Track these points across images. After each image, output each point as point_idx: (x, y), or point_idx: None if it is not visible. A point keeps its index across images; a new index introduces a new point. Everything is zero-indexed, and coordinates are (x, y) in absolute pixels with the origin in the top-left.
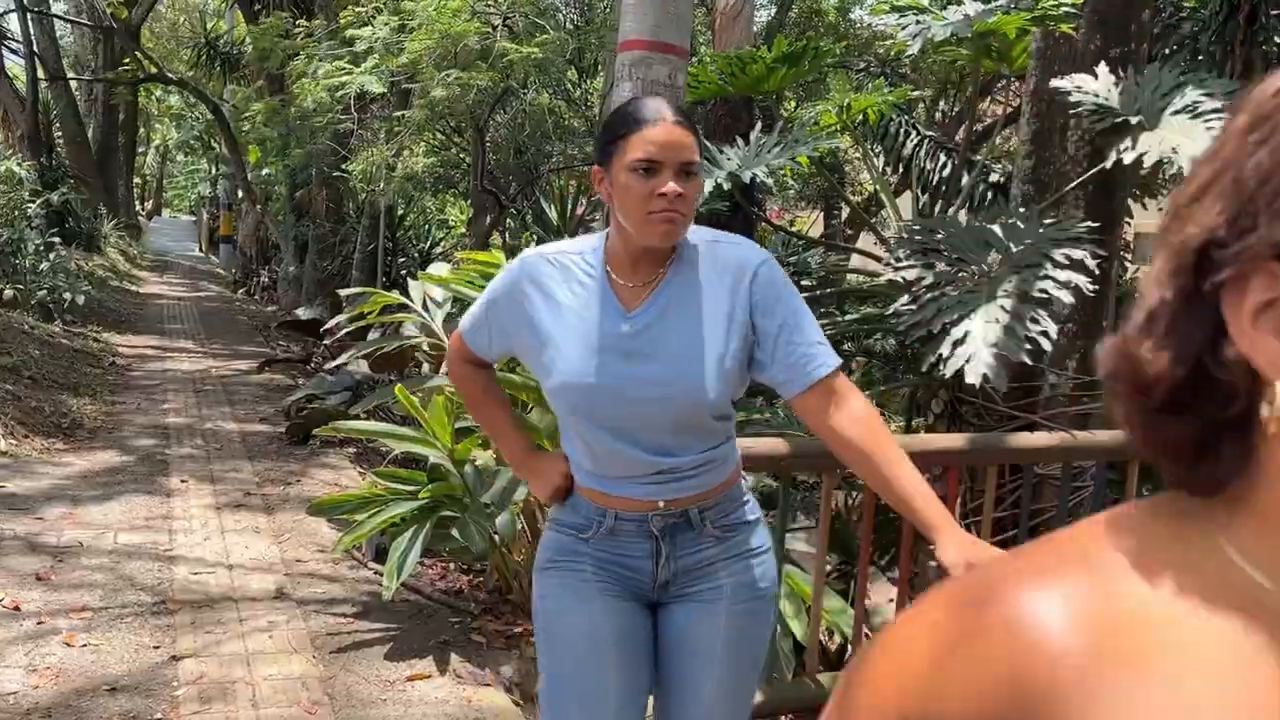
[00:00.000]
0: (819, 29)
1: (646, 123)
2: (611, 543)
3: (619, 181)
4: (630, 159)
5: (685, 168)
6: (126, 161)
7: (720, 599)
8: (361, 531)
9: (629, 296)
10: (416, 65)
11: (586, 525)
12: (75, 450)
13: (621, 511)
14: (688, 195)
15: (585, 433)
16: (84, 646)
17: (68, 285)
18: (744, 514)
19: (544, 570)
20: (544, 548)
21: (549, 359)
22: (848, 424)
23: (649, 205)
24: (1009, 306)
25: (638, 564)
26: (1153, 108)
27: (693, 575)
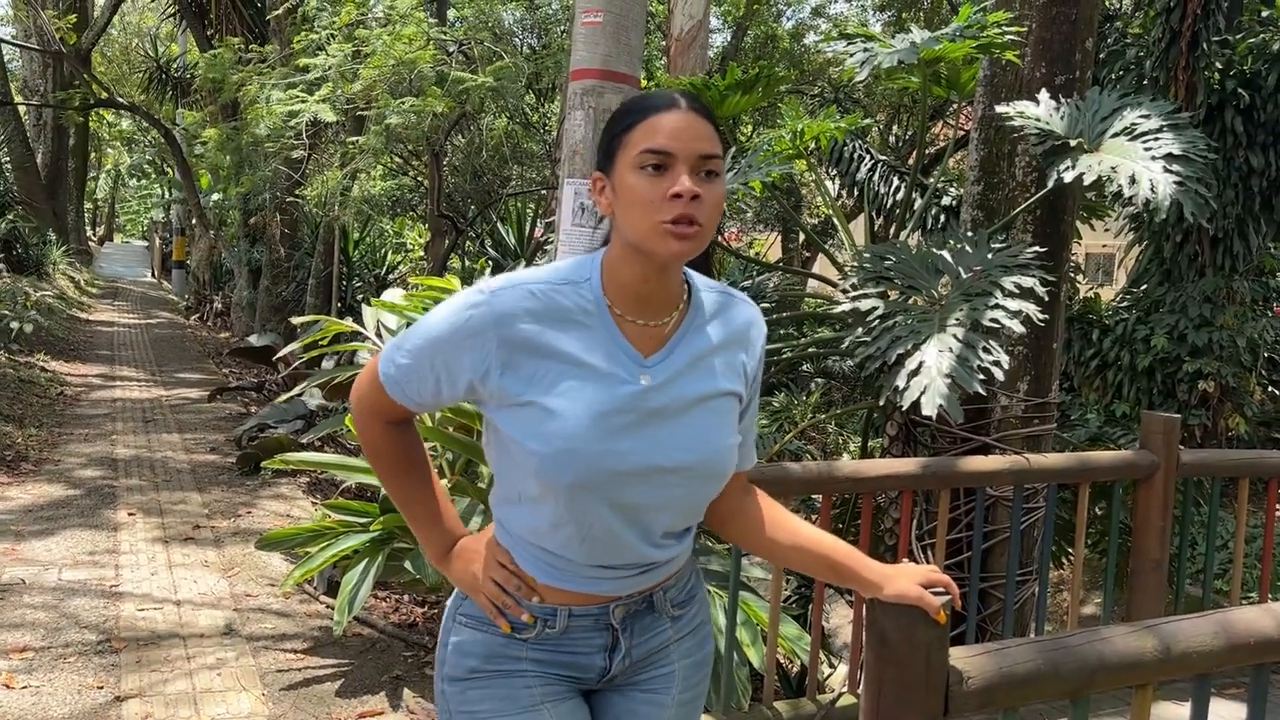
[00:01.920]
0: (773, 55)
1: (657, 109)
2: (555, 643)
3: (623, 183)
4: (637, 151)
5: (705, 164)
6: (77, 186)
7: (670, 688)
8: (312, 565)
9: (641, 339)
10: (371, 92)
11: (525, 624)
12: (18, 483)
13: (576, 607)
14: (708, 200)
15: (583, 515)
16: (24, 689)
17: (14, 314)
18: (693, 584)
19: (466, 682)
20: (461, 652)
21: (540, 420)
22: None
23: (660, 211)
24: (961, 336)
25: (588, 660)
26: (1093, 130)
27: (645, 662)
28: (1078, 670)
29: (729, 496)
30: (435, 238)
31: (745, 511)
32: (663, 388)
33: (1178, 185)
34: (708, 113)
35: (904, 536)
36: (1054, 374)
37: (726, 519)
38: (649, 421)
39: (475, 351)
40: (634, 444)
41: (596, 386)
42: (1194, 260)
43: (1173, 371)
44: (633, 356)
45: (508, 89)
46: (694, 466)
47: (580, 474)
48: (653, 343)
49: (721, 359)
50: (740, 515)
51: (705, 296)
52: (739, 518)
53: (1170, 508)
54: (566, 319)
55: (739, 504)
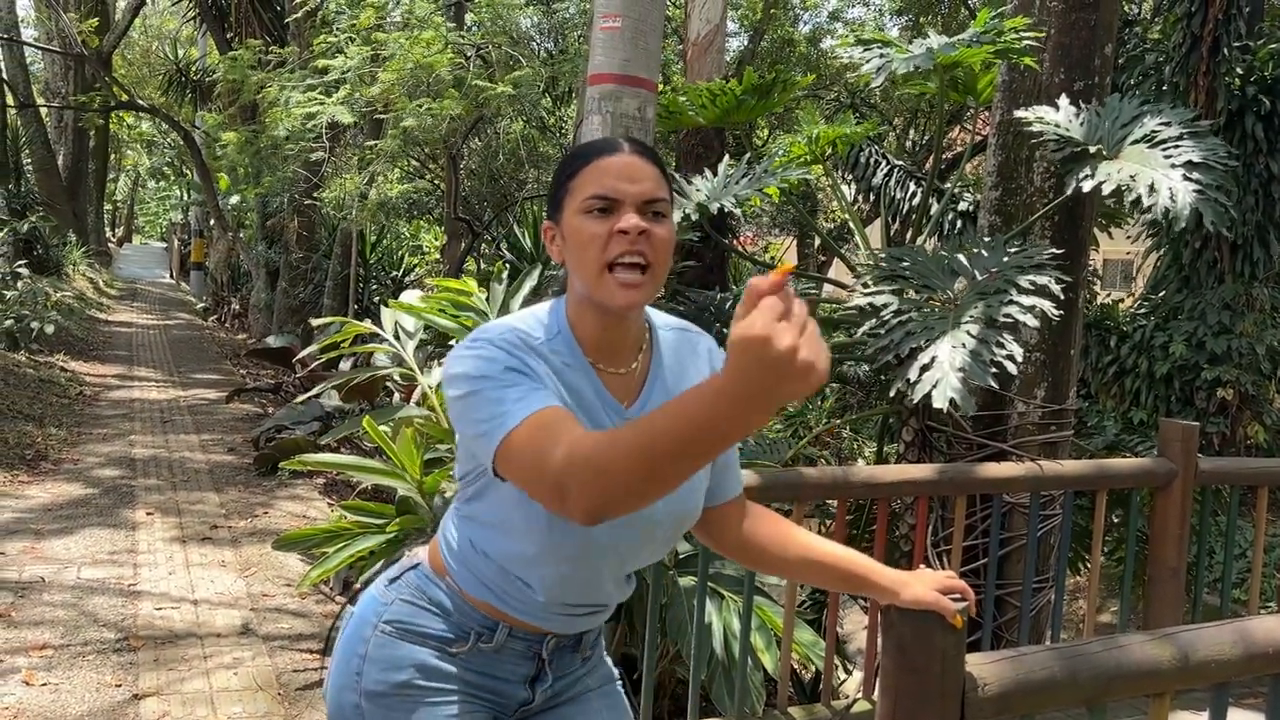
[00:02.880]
0: (790, 59)
1: (600, 153)
2: (485, 661)
3: (570, 227)
4: (583, 197)
5: (651, 206)
6: (97, 188)
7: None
8: (329, 566)
9: (618, 388)
10: (389, 95)
11: (459, 636)
12: (38, 482)
13: (516, 629)
14: (656, 238)
15: (575, 563)
16: (44, 685)
17: (35, 315)
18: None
19: (391, 699)
20: (389, 666)
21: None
22: (763, 522)
23: (607, 249)
24: (975, 331)
25: (510, 689)
26: (1113, 137)
27: (561, 695)
28: (1095, 678)
29: (734, 524)
30: (451, 241)
31: (754, 535)
32: None
33: (1198, 194)
34: (653, 156)
35: (919, 543)
36: (1071, 381)
37: (737, 547)
38: None
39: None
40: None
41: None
42: (1213, 267)
43: (1191, 379)
44: (615, 408)
45: (525, 93)
46: (677, 513)
47: (585, 534)
48: (627, 390)
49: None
50: (750, 540)
51: (664, 335)
52: (749, 543)
53: (1188, 516)
54: (553, 368)
55: (747, 529)
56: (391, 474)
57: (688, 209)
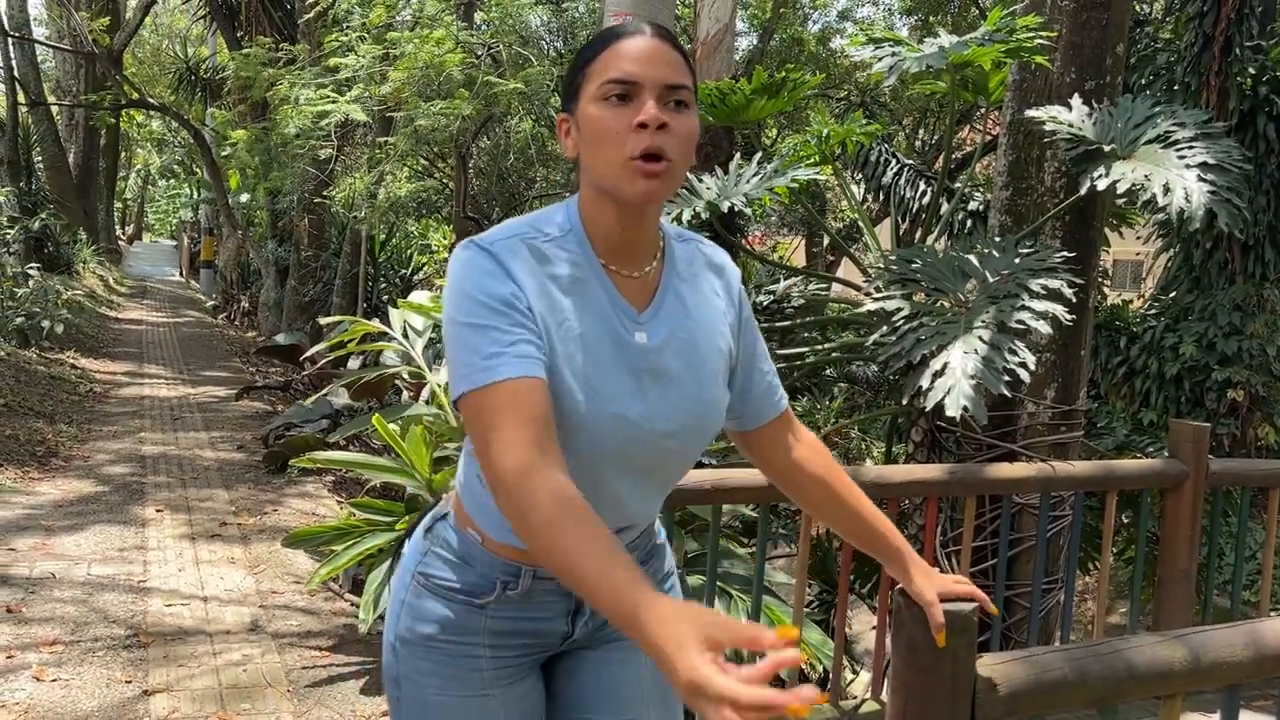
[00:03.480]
0: (799, 59)
1: (619, 37)
2: (517, 607)
3: (586, 117)
4: (599, 82)
5: (673, 94)
6: (107, 186)
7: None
8: (338, 563)
9: (631, 292)
10: (400, 94)
11: (484, 587)
12: (49, 478)
13: (541, 569)
14: (677, 131)
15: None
16: (54, 681)
17: (45, 313)
18: (656, 539)
19: (417, 646)
20: (418, 616)
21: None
22: (811, 455)
23: (626, 143)
24: (987, 337)
25: (549, 625)
26: (1126, 137)
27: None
28: (1106, 679)
29: (781, 448)
30: (460, 239)
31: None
32: (659, 348)
33: (1212, 195)
34: (675, 41)
35: (929, 543)
36: (1081, 381)
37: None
38: (650, 384)
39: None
40: (640, 409)
41: (602, 350)
42: (1224, 267)
43: (1201, 380)
44: (628, 313)
45: (535, 92)
46: (691, 427)
47: (592, 443)
48: (640, 296)
49: (704, 312)
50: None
51: (678, 247)
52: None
53: (1199, 517)
54: (557, 273)
55: (798, 456)
56: (400, 472)
57: (697, 207)
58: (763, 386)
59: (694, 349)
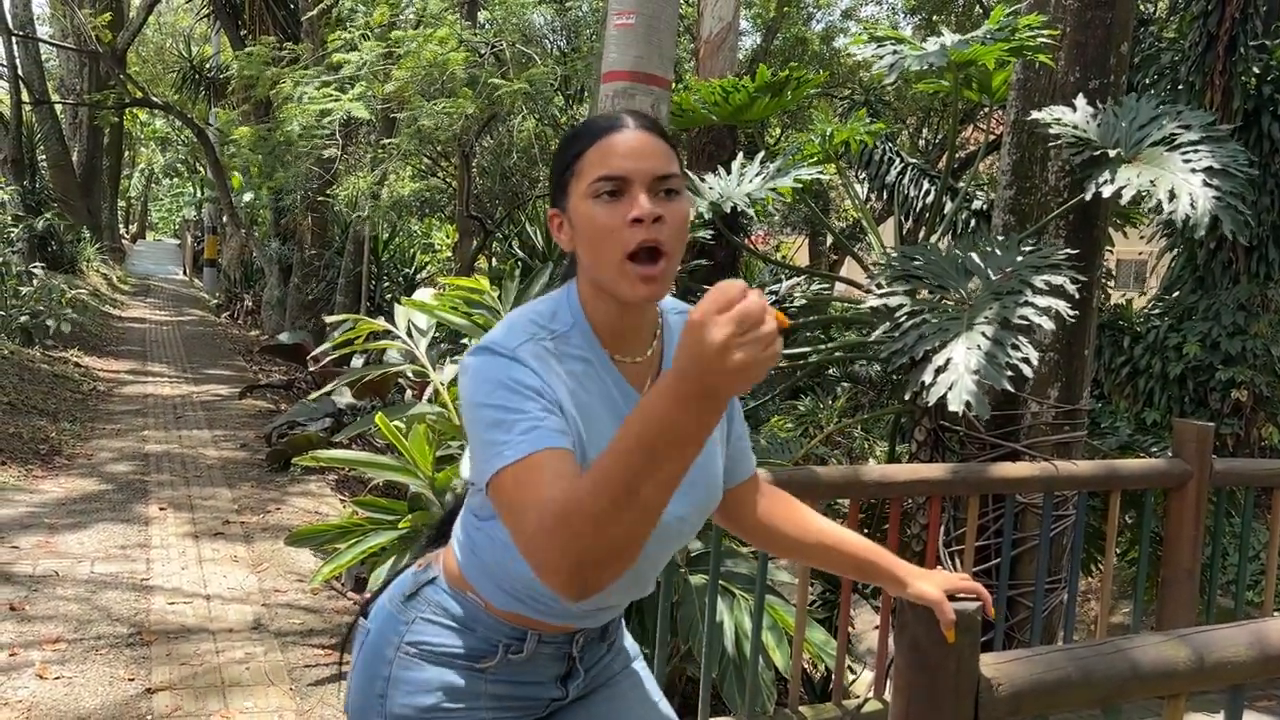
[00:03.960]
0: (803, 57)
1: (604, 131)
2: (515, 671)
3: (579, 214)
4: (589, 180)
5: (662, 184)
6: (111, 184)
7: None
8: (341, 562)
9: (635, 377)
10: (403, 93)
11: (487, 651)
12: (52, 476)
13: (546, 634)
14: (670, 221)
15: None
16: (57, 679)
17: (50, 312)
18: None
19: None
20: (414, 689)
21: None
22: (774, 506)
23: (622, 240)
24: (990, 333)
25: (544, 690)
26: (1130, 139)
27: (590, 682)
28: (1109, 679)
29: (750, 505)
30: (463, 239)
31: (771, 518)
32: None
33: (1217, 200)
34: (660, 130)
35: (932, 543)
36: (1085, 381)
37: (753, 529)
38: None
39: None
40: None
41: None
42: (1228, 267)
43: (1205, 380)
44: (634, 400)
45: (539, 91)
46: (700, 509)
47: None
48: (643, 379)
49: None
50: (767, 523)
51: (672, 320)
52: (766, 526)
53: (1202, 517)
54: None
55: (764, 511)
56: (404, 470)
57: (700, 207)
58: (738, 449)
59: None
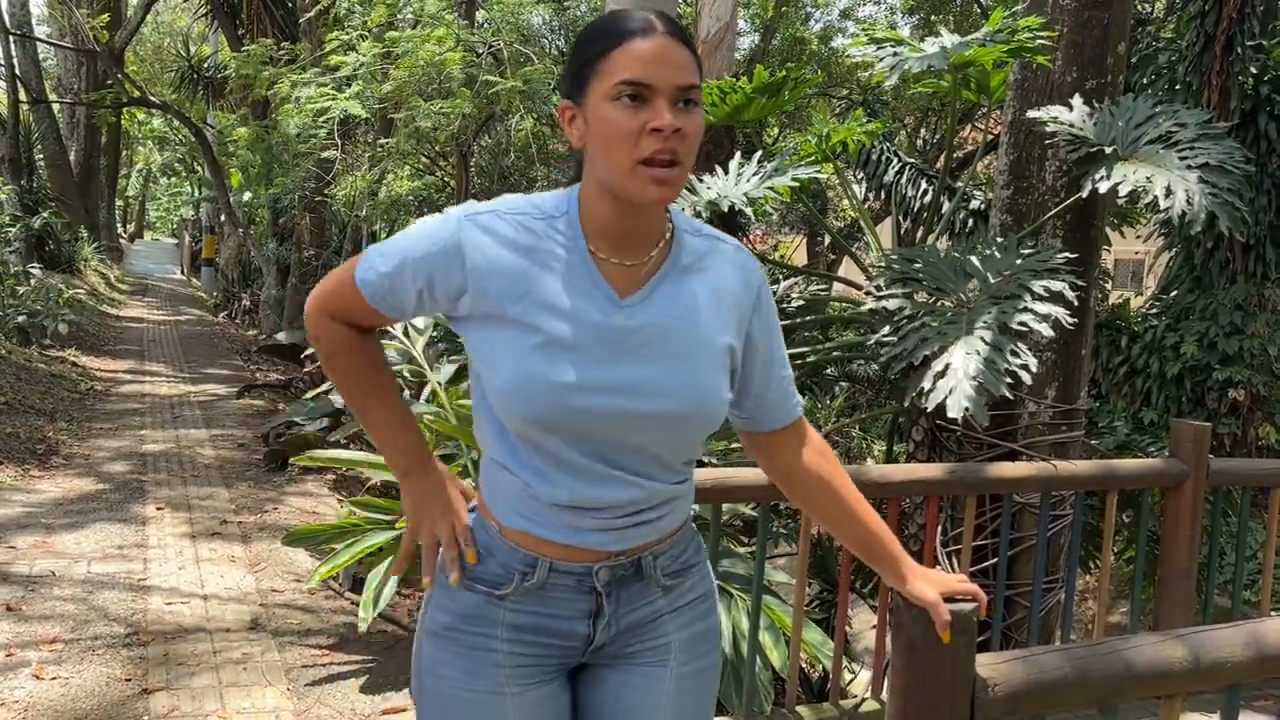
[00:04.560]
0: (801, 58)
1: (632, 34)
2: (536, 601)
3: (596, 115)
4: (612, 82)
5: (684, 94)
6: (109, 184)
7: (667, 660)
8: (338, 562)
9: (619, 278)
10: (401, 93)
11: (504, 578)
12: (49, 476)
13: (558, 561)
14: (688, 132)
15: (549, 447)
16: (54, 679)
17: (47, 311)
18: (690, 555)
19: (440, 638)
20: (439, 606)
21: (504, 345)
22: (816, 460)
23: (639, 146)
24: (989, 339)
25: (569, 626)
26: (1127, 138)
27: (635, 633)
28: (1105, 679)
29: (786, 452)
30: None
31: (811, 473)
32: (640, 326)
33: (1213, 197)
34: (685, 37)
35: (929, 542)
36: (1082, 380)
37: (786, 476)
38: (627, 357)
39: (449, 271)
40: (601, 378)
41: (564, 319)
42: (1225, 267)
43: (1202, 379)
44: (609, 295)
45: (536, 90)
46: (673, 414)
47: (539, 406)
48: (631, 283)
49: (709, 307)
50: (804, 477)
51: (690, 240)
52: (802, 479)
53: (1199, 517)
54: (542, 251)
55: (807, 463)
56: None
57: (698, 206)
58: (778, 393)
59: (684, 336)
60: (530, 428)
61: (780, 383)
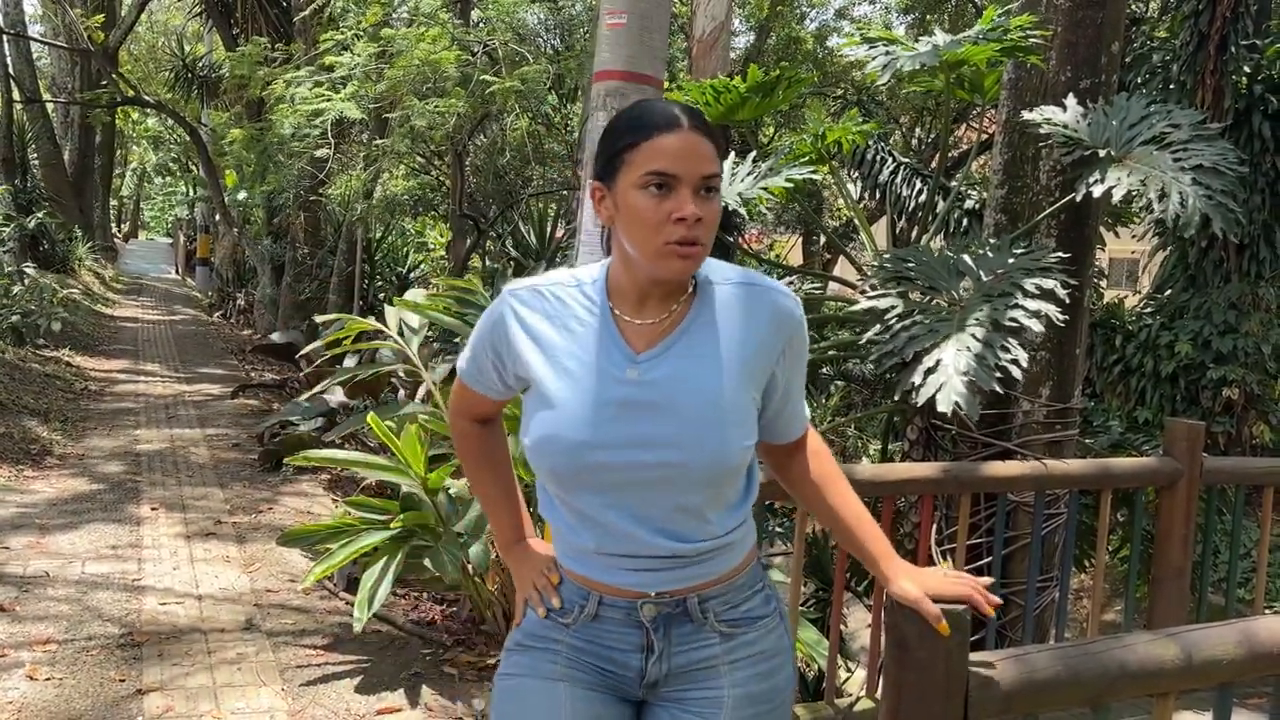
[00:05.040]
0: (796, 57)
1: (660, 129)
2: (594, 632)
3: (626, 202)
4: (641, 173)
5: (706, 183)
6: (103, 183)
7: (717, 713)
8: (333, 562)
9: (638, 336)
10: (396, 92)
11: (567, 609)
12: (43, 477)
13: (606, 595)
14: (708, 219)
15: (573, 501)
16: (47, 680)
17: (41, 311)
18: (754, 607)
19: (511, 651)
20: (518, 629)
21: (531, 408)
22: (814, 461)
23: (664, 232)
24: (980, 335)
25: (623, 657)
26: (1121, 138)
27: (689, 676)
28: (1099, 677)
29: (795, 462)
30: (457, 238)
31: (813, 479)
32: (650, 382)
33: (1207, 199)
34: (708, 130)
35: (924, 541)
36: (1077, 379)
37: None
38: (634, 412)
39: (502, 344)
40: (613, 435)
41: (582, 379)
42: (1219, 266)
43: (1197, 378)
44: (625, 353)
45: (532, 90)
46: (680, 463)
47: (557, 462)
48: (650, 340)
49: (730, 358)
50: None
51: (721, 291)
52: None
53: (1193, 515)
54: (569, 316)
55: (813, 471)
56: (396, 470)
57: None
58: (792, 414)
59: (696, 390)
60: (554, 483)
61: (794, 407)
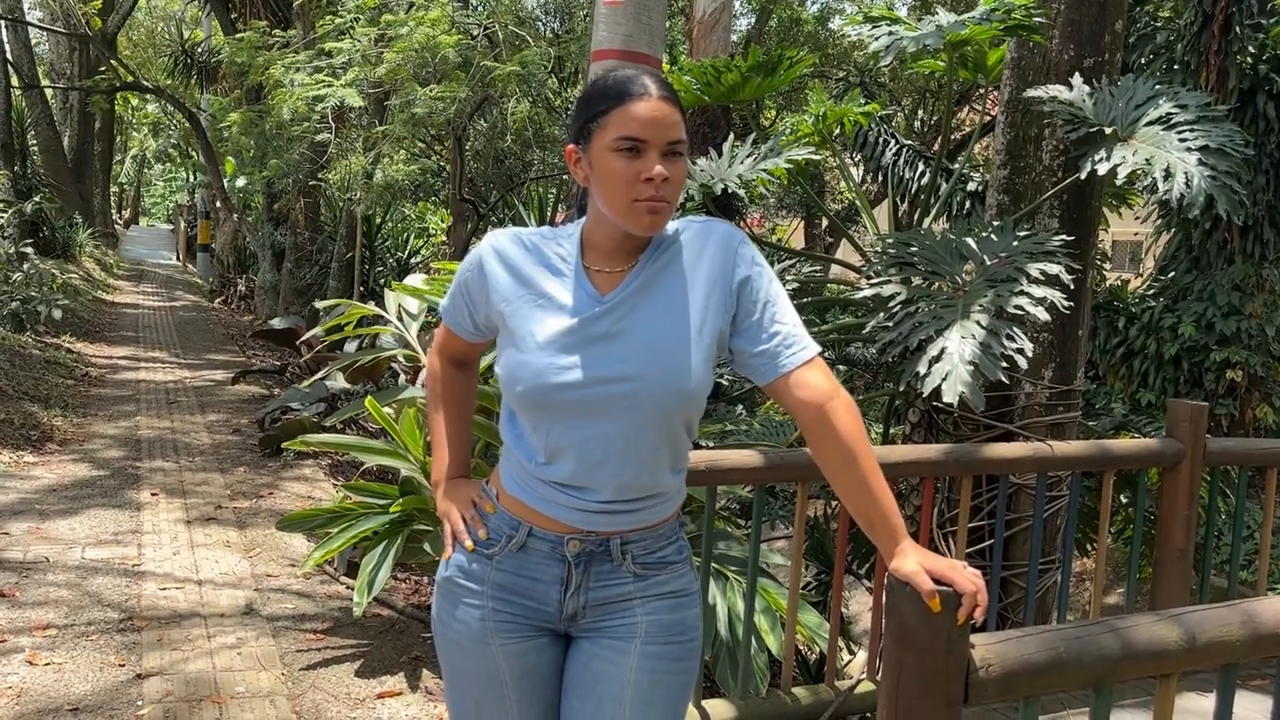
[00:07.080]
0: (798, 38)
1: (630, 97)
2: (518, 562)
3: (600, 163)
4: (613, 137)
5: (672, 147)
6: (103, 170)
7: (633, 638)
8: (333, 546)
9: (604, 282)
10: (396, 76)
11: (495, 540)
12: (44, 463)
13: (537, 527)
14: (674, 179)
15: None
16: (47, 665)
17: (42, 298)
18: (669, 554)
19: (443, 588)
20: (449, 564)
21: (506, 338)
22: (835, 418)
23: (634, 190)
24: (984, 323)
25: (544, 589)
26: (1126, 118)
27: (606, 610)
28: (1100, 659)
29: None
30: (457, 222)
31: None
32: (612, 313)
33: (1212, 180)
34: (675, 98)
35: (925, 524)
36: (1079, 361)
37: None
38: (597, 342)
39: (478, 283)
40: (577, 359)
41: (551, 314)
42: (1223, 248)
43: (1200, 360)
44: (592, 295)
45: (532, 74)
46: (644, 386)
47: (527, 385)
48: (613, 284)
49: (685, 292)
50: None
51: (671, 236)
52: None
53: (1196, 497)
54: (545, 262)
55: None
56: (395, 455)
57: (691, 189)
58: (772, 342)
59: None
60: (523, 406)
61: (771, 335)
